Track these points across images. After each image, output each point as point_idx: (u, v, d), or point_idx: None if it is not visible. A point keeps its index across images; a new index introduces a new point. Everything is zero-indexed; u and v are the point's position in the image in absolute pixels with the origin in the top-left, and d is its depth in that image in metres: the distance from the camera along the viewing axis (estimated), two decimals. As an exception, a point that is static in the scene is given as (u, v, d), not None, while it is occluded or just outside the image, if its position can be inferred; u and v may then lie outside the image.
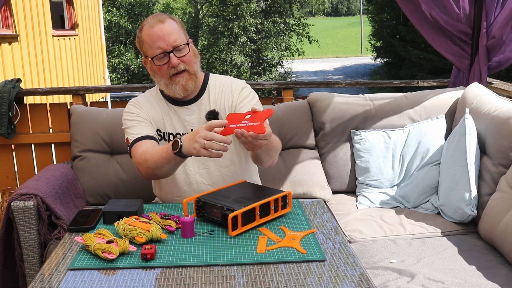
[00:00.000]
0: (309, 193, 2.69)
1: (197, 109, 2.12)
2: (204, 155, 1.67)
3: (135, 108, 2.14)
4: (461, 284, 1.82)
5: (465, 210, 2.30)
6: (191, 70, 2.04)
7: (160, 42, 1.97)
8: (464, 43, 3.05)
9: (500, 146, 2.28)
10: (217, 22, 19.54)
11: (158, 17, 2.02)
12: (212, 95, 2.14)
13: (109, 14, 18.68)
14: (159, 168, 1.90)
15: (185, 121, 2.11)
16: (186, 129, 2.13)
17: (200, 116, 2.11)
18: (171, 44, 1.98)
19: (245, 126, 1.62)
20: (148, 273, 1.41)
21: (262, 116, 1.64)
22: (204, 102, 2.13)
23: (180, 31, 2.02)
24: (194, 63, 2.06)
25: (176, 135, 2.13)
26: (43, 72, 8.23)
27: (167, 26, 1.99)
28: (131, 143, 2.05)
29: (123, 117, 2.14)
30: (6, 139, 2.99)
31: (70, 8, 10.20)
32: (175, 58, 1.99)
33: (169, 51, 1.98)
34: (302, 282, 1.35)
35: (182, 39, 2.01)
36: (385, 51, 19.61)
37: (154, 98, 2.17)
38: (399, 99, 2.86)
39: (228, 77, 2.22)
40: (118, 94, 12.11)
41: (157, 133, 2.14)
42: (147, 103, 2.15)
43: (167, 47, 1.98)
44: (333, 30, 45.11)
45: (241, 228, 1.61)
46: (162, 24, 1.98)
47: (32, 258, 2.26)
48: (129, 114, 2.13)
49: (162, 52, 1.99)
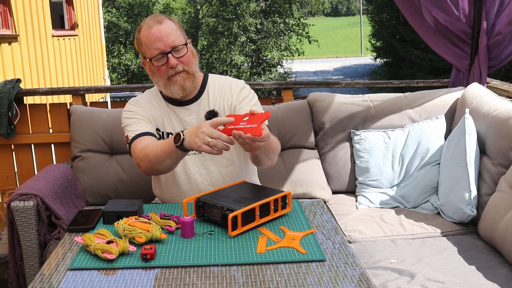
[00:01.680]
0: (309, 193, 2.69)
1: (196, 109, 2.12)
2: (204, 151, 1.67)
3: (134, 107, 2.14)
4: (461, 284, 1.82)
5: (465, 210, 2.30)
6: (190, 70, 2.04)
7: (158, 43, 1.97)
8: (464, 43, 3.05)
9: (500, 146, 2.28)
10: (217, 22, 19.54)
11: (156, 18, 2.01)
12: (212, 95, 2.14)
13: (109, 15, 18.69)
14: (160, 162, 1.89)
15: (184, 121, 2.12)
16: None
17: (199, 116, 2.11)
18: (169, 45, 1.97)
19: (242, 128, 1.63)
20: (148, 273, 1.41)
21: (260, 118, 1.64)
22: (204, 102, 2.13)
23: (178, 31, 2.02)
24: (192, 63, 2.05)
25: None
26: (43, 72, 8.23)
27: (165, 27, 1.98)
28: (131, 140, 2.04)
29: (122, 115, 2.14)
30: (6, 139, 2.99)
31: (70, 8, 10.20)
32: (173, 59, 1.98)
33: (167, 51, 1.98)
34: (302, 282, 1.35)
35: (181, 39, 2.01)
36: (385, 51, 19.61)
37: (154, 97, 2.17)
38: (399, 99, 2.86)
39: (227, 77, 2.22)
40: (118, 94, 12.13)
41: (156, 132, 2.13)
42: (147, 102, 2.16)
43: (165, 48, 1.97)
44: (333, 30, 45.11)
45: (241, 228, 1.61)
46: (160, 25, 1.98)
47: (32, 258, 2.26)
48: (128, 112, 2.13)
49: (160, 53, 1.98)
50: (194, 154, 2.12)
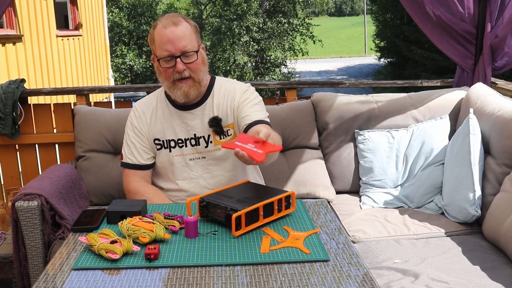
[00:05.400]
0: (312, 193, 2.69)
1: (201, 114, 2.12)
2: None
3: (135, 119, 2.19)
4: (465, 285, 1.82)
5: (469, 210, 2.29)
6: (196, 78, 2.03)
7: (169, 45, 1.97)
8: (468, 42, 3.04)
9: (504, 146, 2.27)
10: (220, 23, 19.53)
11: (172, 19, 2.00)
12: (216, 99, 2.13)
13: (112, 15, 18.70)
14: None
15: (188, 125, 2.12)
16: (189, 134, 2.13)
17: (203, 120, 2.12)
18: (179, 49, 1.97)
19: (248, 149, 1.61)
20: (152, 273, 1.41)
21: (269, 148, 1.62)
22: (208, 106, 2.13)
23: (192, 36, 2.01)
24: (200, 71, 2.04)
25: (177, 141, 2.14)
26: (47, 72, 8.25)
27: (179, 30, 1.97)
28: (124, 165, 2.20)
29: (127, 121, 2.22)
30: (10, 139, 3.00)
31: (74, 8, 10.22)
32: (181, 64, 1.98)
33: (176, 55, 1.97)
34: (305, 282, 1.34)
35: (193, 45, 2.00)
36: (389, 51, 19.57)
37: (159, 101, 2.17)
38: (403, 99, 2.85)
39: (234, 81, 2.21)
40: (122, 94, 12.14)
41: (154, 143, 2.17)
42: (148, 111, 2.18)
43: (175, 51, 1.97)
44: (336, 30, 45.09)
45: (244, 228, 1.61)
46: (175, 27, 1.97)
47: (36, 258, 2.26)
48: (129, 125, 2.21)
49: (170, 56, 1.98)
50: (198, 159, 2.13)
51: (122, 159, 2.22)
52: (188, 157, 2.15)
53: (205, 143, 2.13)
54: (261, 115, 2.06)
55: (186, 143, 2.14)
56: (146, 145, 2.18)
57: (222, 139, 2.12)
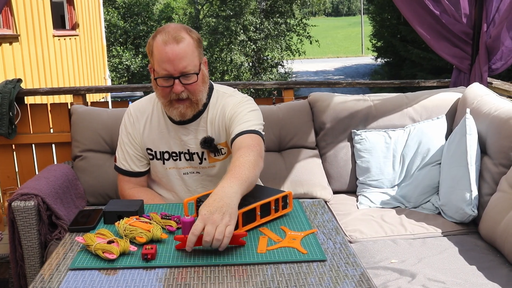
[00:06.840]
0: (309, 193, 2.69)
1: (194, 129, 2.04)
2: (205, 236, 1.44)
3: (129, 124, 2.13)
4: (462, 284, 1.82)
5: (465, 210, 2.30)
6: (194, 99, 1.93)
7: (168, 65, 1.84)
8: (465, 43, 3.05)
9: (501, 146, 2.28)
10: (217, 23, 19.52)
11: (174, 34, 1.85)
12: (210, 115, 2.04)
13: (108, 15, 18.67)
14: None
15: (181, 140, 2.06)
16: (183, 148, 2.07)
17: (196, 137, 2.04)
18: (179, 70, 1.84)
19: None
20: (149, 273, 1.41)
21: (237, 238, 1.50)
22: (202, 121, 2.04)
23: (194, 53, 1.88)
24: (200, 91, 1.93)
25: (171, 153, 2.09)
26: (44, 72, 8.23)
27: (180, 48, 1.83)
28: (118, 169, 2.17)
29: (121, 123, 2.17)
30: (7, 139, 3.00)
31: (70, 8, 10.21)
32: (179, 86, 1.86)
33: (175, 76, 1.86)
34: (302, 282, 1.34)
35: (194, 64, 1.87)
36: (386, 51, 19.61)
37: (154, 109, 2.10)
38: (399, 99, 2.86)
39: (231, 93, 2.08)
40: (118, 94, 12.12)
41: (147, 152, 2.12)
42: (142, 117, 2.11)
43: (174, 72, 1.85)
44: (333, 30, 45.12)
45: (241, 228, 1.61)
46: (176, 45, 1.83)
47: (32, 258, 2.26)
48: (123, 129, 2.15)
49: (168, 76, 1.86)
50: (192, 173, 2.10)
51: (116, 162, 2.18)
52: (182, 170, 2.10)
53: (199, 159, 2.07)
54: (248, 125, 1.92)
55: (181, 156, 2.08)
56: (139, 153, 2.13)
57: (217, 156, 2.07)
